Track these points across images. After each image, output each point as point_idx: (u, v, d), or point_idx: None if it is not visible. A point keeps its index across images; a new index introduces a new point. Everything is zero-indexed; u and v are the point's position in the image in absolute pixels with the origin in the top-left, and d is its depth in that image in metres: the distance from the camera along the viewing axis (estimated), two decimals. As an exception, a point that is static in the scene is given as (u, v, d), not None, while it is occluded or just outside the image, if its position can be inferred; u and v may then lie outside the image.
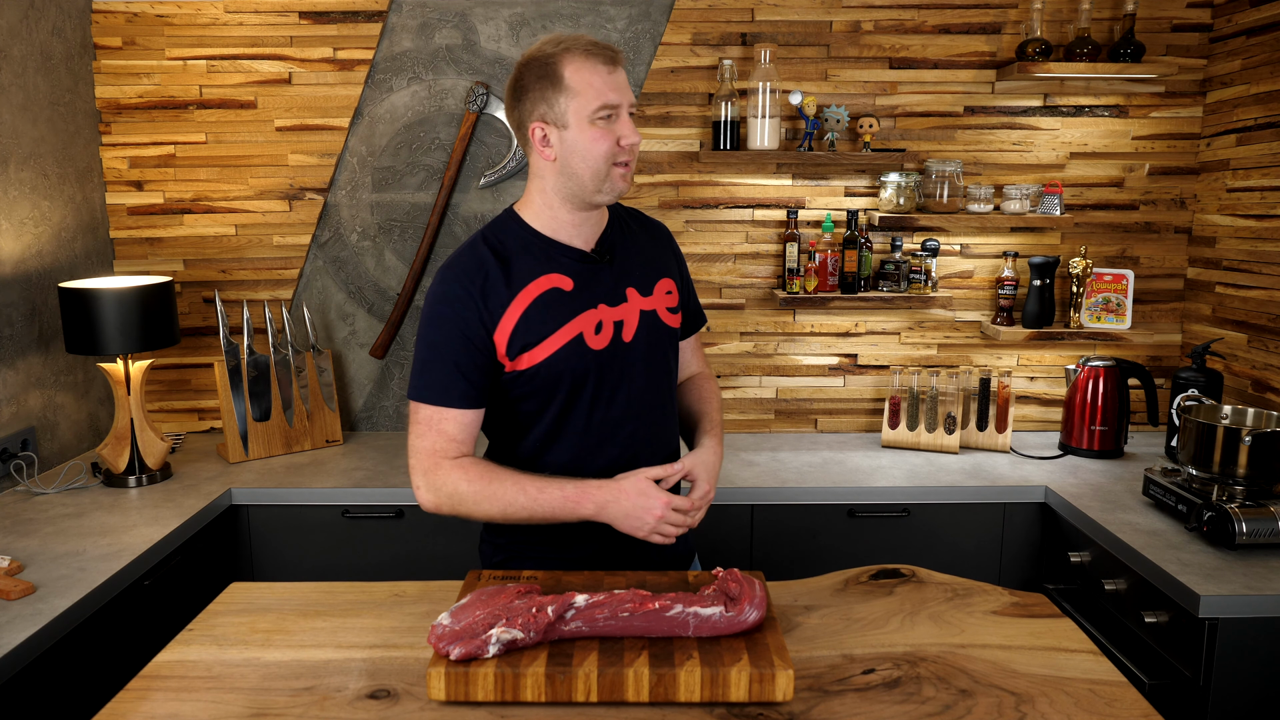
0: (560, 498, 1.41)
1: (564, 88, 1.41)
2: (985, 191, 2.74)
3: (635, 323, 1.51)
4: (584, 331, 1.46)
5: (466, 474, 1.44)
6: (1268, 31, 2.52)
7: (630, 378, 1.51)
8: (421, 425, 1.46)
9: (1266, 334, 2.54)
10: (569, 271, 1.48)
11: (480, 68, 2.76)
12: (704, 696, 1.18)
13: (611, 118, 1.43)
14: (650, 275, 1.56)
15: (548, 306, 1.45)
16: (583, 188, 1.45)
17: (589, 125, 1.41)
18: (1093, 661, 1.32)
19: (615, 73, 1.43)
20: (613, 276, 1.51)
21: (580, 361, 1.46)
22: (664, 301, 1.57)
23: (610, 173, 1.44)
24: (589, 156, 1.42)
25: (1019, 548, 2.45)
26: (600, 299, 1.49)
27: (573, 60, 1.41)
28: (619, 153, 1.43)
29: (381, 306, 2.87)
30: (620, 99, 1.42)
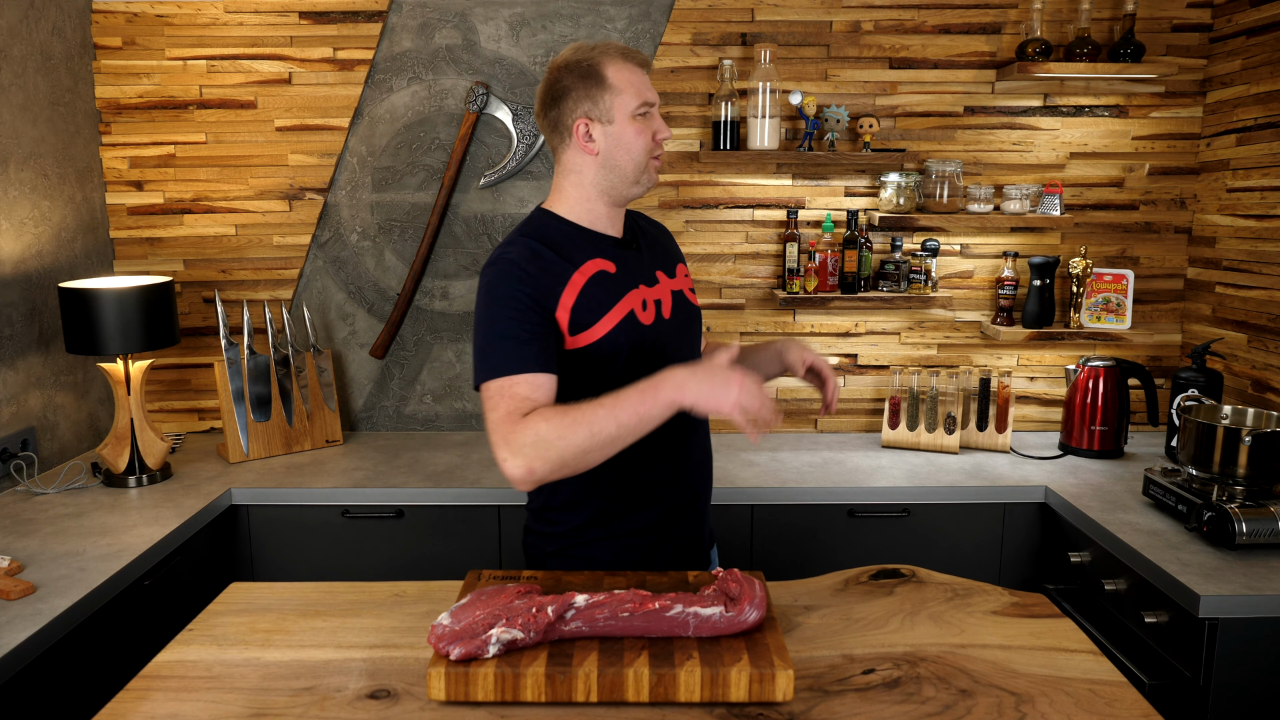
0: (636, 394, 1.36)
1: (608, 86, 1.52)
2: (985, 191, 2.74)
3: (670, 301, 1.62)
4: (634, 308, 1.56)
5: (542, 416, 1.37)
6: (1268, 31, 2.52)
7: (671, 350, 1.61)
8: (494, 398, 1.42)
9: (1266, 334, 2.54)
10: (610, 256, 1.58)
11: (480, 68, 2.76)
12: (704, 696, 1.18)
13: (648, 115, 1.56)
14: (670, 260, 1.69)
15: (600, 286, 1.53)
16: (623, 178, 1.56)
17: (631, 120, 1.53)
18: (1093, 661, 1.32)
19: (647, 75, 1.58)
20: (642, 261, 1.62)
21: (635, 335, 1.54)
22: (686, 283, 1.70)
23: (648, 164, 1.57)
24: (632, 149, 1.54)
25: (1019, 548, 2.45)
26: (639, 280, 1.59)
27: (613, 62, 1.53)
28: (654, 147, 1.57)
29: (381, 306, 2.87)
30: (654, 98, 1.57)
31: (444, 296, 2.87)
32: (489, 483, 2.42)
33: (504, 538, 2.41)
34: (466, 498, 2.40)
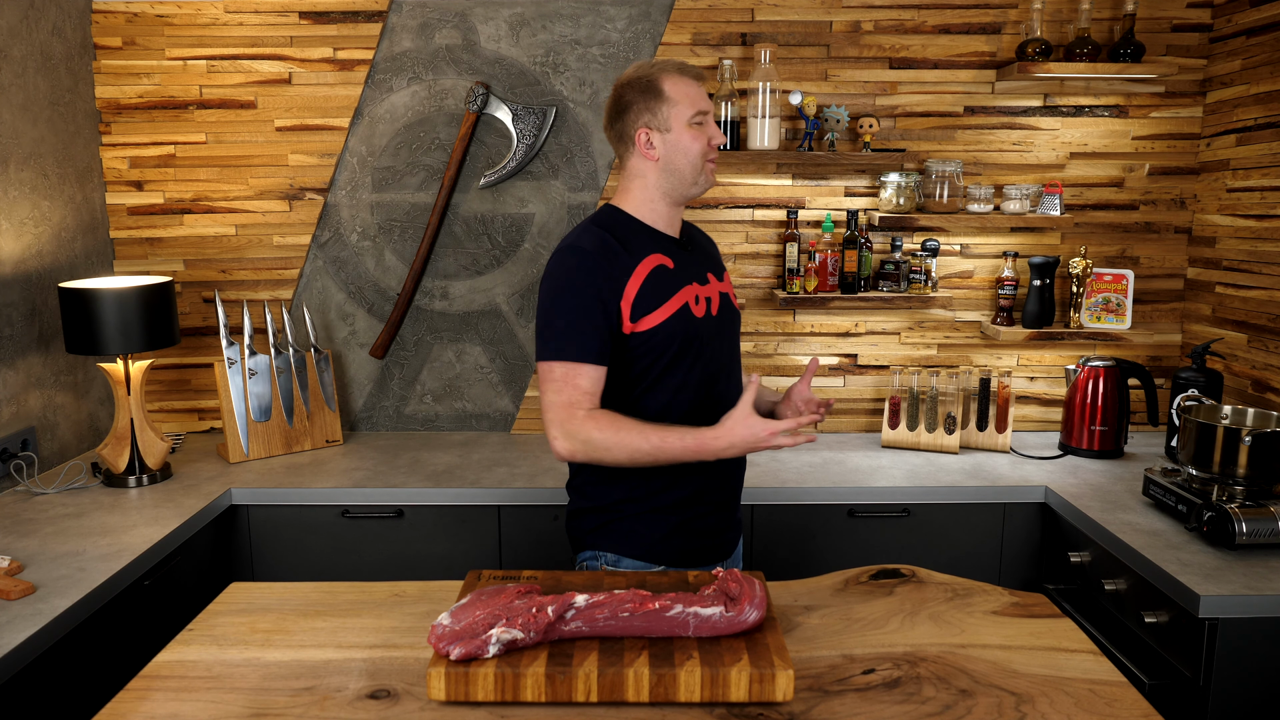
0: (687, 442, 1.58)
1: (665, 98, 1.69)
2: (985, 191, 2.74)
3: (718, 300, 1.77)
4: (688, 302, 1.69)
5: (598, 423, 1.60)
6: (1268, 31, 2.52)
7: (717, 344, 1.75)
8: (558, 382, 1.63)
9: (1266, 334, 2.54)
10: (668, 253, 1.72)
11: (480, 68, 2.76)
12: (704, 696, 1.18)
13: (703, 123, 1.71)
14: (716, 264, 1.85)
15: (660, 279, 1.68)
16: (682, 180, 1.72)
17: (687, 128, 1.69)
18: (1093, 661, 1.32)
19: (703, 86, 1.73)
20: (694, 261, 1.77)
21: (688, 326, 1.68)
22: (729, 288, 1.85)
23: (705, 167, 1.72)
24: (690, 153, 1.70)
25: (1019, 548, 2.45)
26: (693, 278, 1.73)
27: (669, 77, 1.70)
28: (709, 151, 1.71)
29: (381, 306, 2.87)
30: (709, 107, 1.72)
31: (444, 296, 2.87)
32: (489, 483, 2.42)
33: (504, 538, 2.41)
34: (466, 498, 2.40)
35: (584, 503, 1.76)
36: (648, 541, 1.71)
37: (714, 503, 1.75)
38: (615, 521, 1.72)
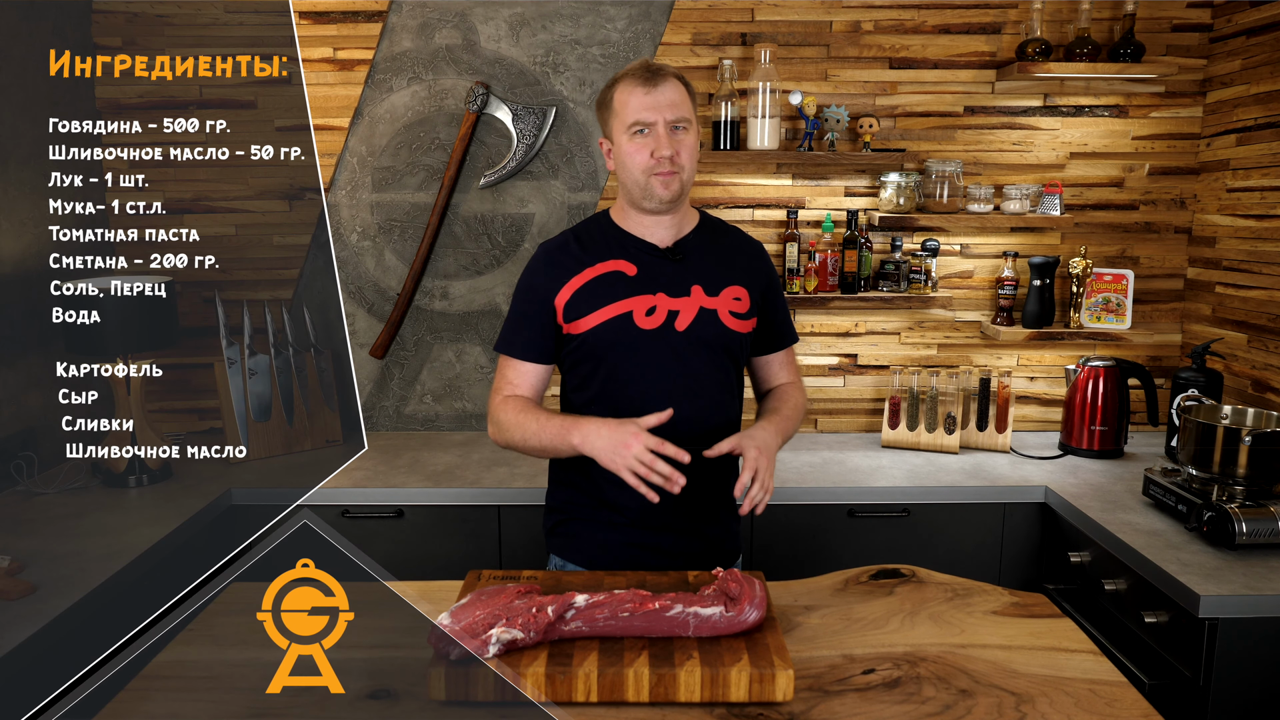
0: (556, 427, 1.58)
1: (612, 109, 1.65)
2: (985, 191, 2.74)
3: (692, 315, 1.65)
4: (634, 310, 1.63)
5: (508, 406, 1.66)
6: (1268, 31, 2.52)
7: (679, 361, 1.64)
8: (497, 370, 1.73)
9: (1266, 334, 2.54)
10: (635, 260, 1.67)
11: (480, 68, 2.76)
12: (704, 696, 1.18)
13: (646, 132, 1.61)
14: (721, 280, 1.69)
15: (606, 285, 1.65)
16: (631, 194, 1.66)
17: (629, 139, 1.62)
18: (1093, 661, 1.32)
19: (654, 91, 1.60)
20: (680, 273, 1.67)
21: (624, 335, 1.62)
22: (729, 305, 1.68)
23: (649, 182, 1.62)
24: (627, 166, 1.63)
25: (1019, 548, 2.44)
26: (661, 288, 1.65)
27: (620, 85, 1.64)
28: (654, 164, 1.60)
29: (381, 306, 2.87)
30: (654, 116, 1.60)
31: (444, 296, 2.87)
32: (489, 483, 2.42)
33: (504, 538, 2.41)
34: (466, 498, 2.40)
35: (548, 499, 1.80)
36: (595, 549, 1.69)
37: (668, 524, 1.66)
38: (567, 523, 1.74)
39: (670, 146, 1.60)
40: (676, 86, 1.63)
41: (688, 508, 1.66)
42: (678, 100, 1.62)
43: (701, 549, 1.70)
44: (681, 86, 1.64)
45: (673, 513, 1.65)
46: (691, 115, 1.65)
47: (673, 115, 1.60)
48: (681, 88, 1.64)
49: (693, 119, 1.65)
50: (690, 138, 1.64)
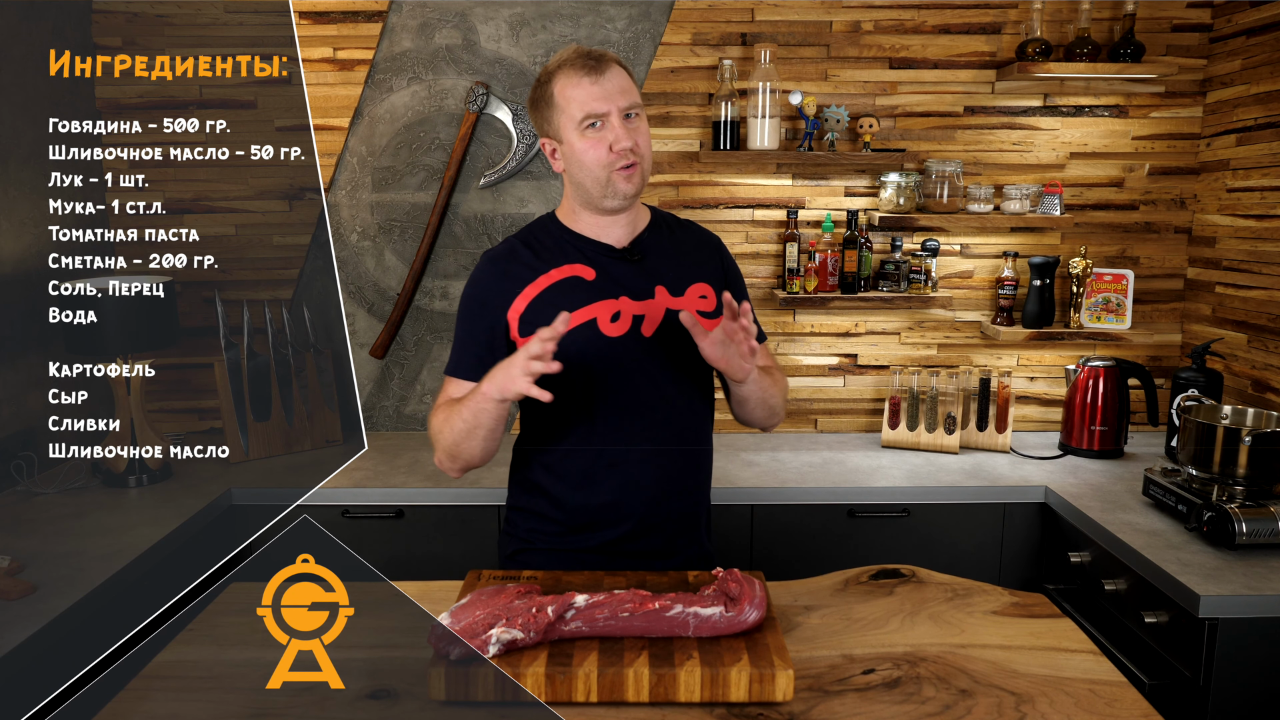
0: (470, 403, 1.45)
1: (555, 105, 1.50)
2: (985, 191, 2.74)
3: (659, 319, 1.54)
4: (598, 317, 1.52)
5: (438, 413, 1.55)
6: (1268, 31, 2.52)
7: (640, 368, 1.54)
8: (441, 393, 1.61)
9: (1266, 334, 2.54)
10: (593, 263, 1.55)
11: (480, 68, 2.76)
12: (704, 696, 1.18)
13: (600, 125, 1.48)
14: (684, 277, 1.58)
15: (565, 291, 1.53)
16: (589, 194, 1.52)
17: (580, 136, 1.48)
18: (1093, 661, 1.32)
19: (601, 80, 1.47)
20: (641, 274, 1.56)
21: (590, 344, 1.51)
22: (695, 304, 1.58)
23: (610, 178, 1.49)
24: (583, 165, 1.49)
25: (1019, 548, 2.44)
26: (624, 291, 1.54)
27: (560, 77, 1.49)
28: (614, 158, 1.48)
29: (381, 306, 2.87)
30: (606, 106, 1.47)
31: (444, 296, 2.87)
32: (489, 483, 2.42)
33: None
34: (466, 498, 2.40)
35: (506, 525, 1.69)
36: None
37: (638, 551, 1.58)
38: (525, 553, 1.63)
39: (628, 138, 1.47)
40: (621, 73, 1.51)
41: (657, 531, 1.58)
42: (626, 87, 1.50)
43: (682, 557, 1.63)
44: (625, 72, 1.52)
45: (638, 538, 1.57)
46: (640, 102, 1.53)
47: (625, 102, 1.48)
48: (625, 73, 1.52)
49: (642, 105, 1.53)
50: (644, 125, 1.52)
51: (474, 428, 1.47)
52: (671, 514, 1.61)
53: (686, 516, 1.64)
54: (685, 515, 1.63)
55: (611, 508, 1.57)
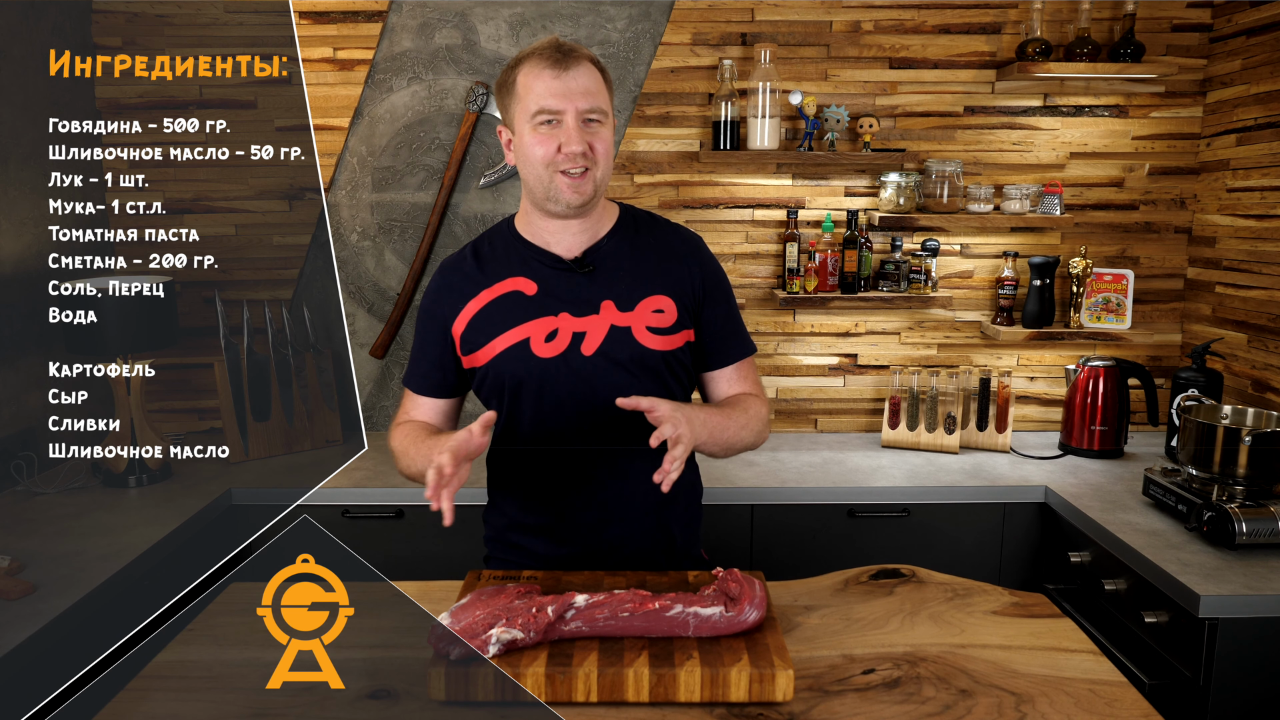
0: (421, 451, 1.45)
1: (514, 93, 1.42)
2: (985, 191, 2.74)
3: (601, 336, 1.44)
4: (531, 336, 1.44)
5: (398, 434, 1.53)
6: (1268, 31, 2.52)
7: (587, 391, 1.45)
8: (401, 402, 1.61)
9: (1266, 334, 2.54)
10: (536, 276, 1.47)
11: (480, 68, 2.76)
12: (704, 696, 1.18)
13: (554, 123, 1.39)
14: (638, 290, 1.47)
15: (503, 309, 1.46)
16: (533, 194, 1.46)
17: (532, 130, 1.40)
18: (1093, 661, 1.32)
19: (565, 76, 1.38)
20: (588, 287, 1.46)
21: (521, 366, 1.44)
22: (646, 320, 1.46)
23: (554, 180, 1.41)
24: (528, 161, 1.42)
25: (1019, 548, 2.44)
26: (565, 307, 1.45)
27: (525, 65, 1.41)
28: (560, 160, 1.39)
29: (381, 306, 2.87)
30: (564, 105, 1.38)
31: (444, 296, 2.87)
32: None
33: (504, 538, 2.41)
34: (466, 498, 2.37)
35: (488, 547, 1.67)
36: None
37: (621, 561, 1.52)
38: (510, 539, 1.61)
39: (580, 142, 1.38)
40: (591, 72, 1.41)
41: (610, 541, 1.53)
42: (592, 88, 1.40)
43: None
44: (597, 72, 1.42)
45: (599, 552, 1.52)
46: (608, 107, 1.42)
47: (586, 104, 1.39)
48: (597, 73, 1.42)
49: (609, 111, 1.42)
50: (606, 132, 1.42)
51: (416, 473, 1.45)
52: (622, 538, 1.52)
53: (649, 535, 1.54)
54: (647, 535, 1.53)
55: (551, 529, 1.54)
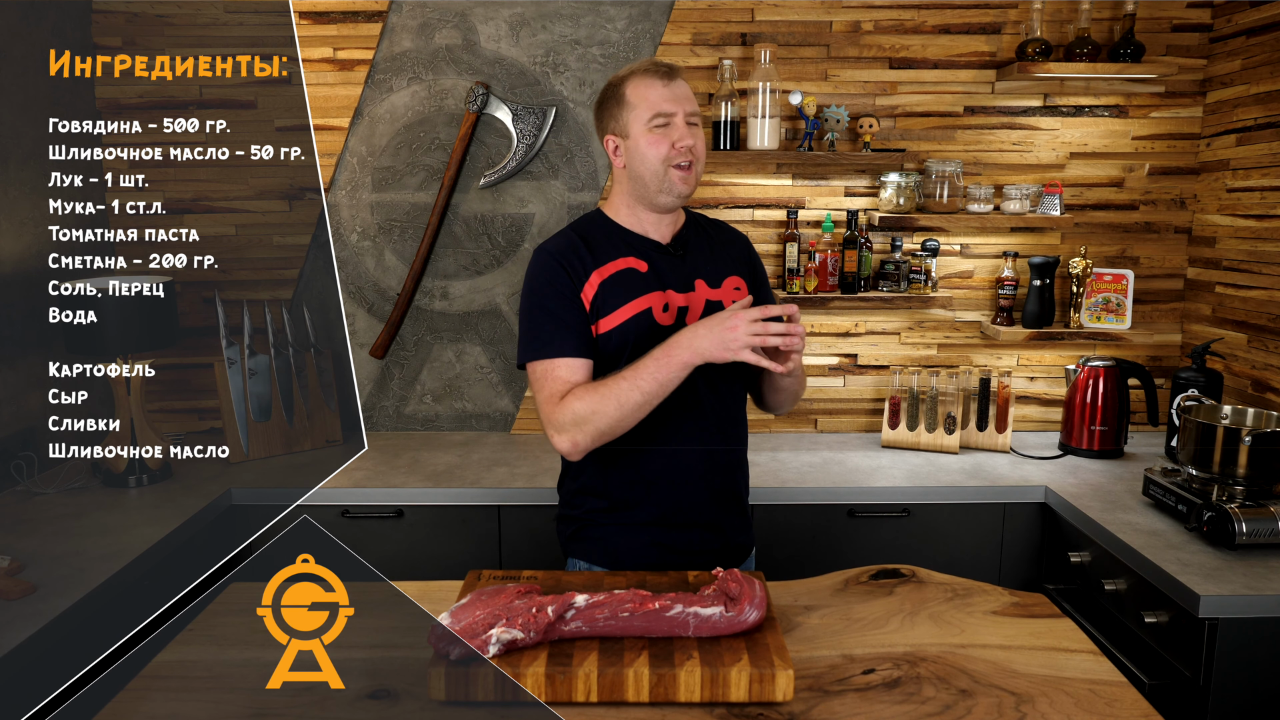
0: (653, 361, 1.51)
1: (626, 104, 1.64)
2: (985, 191, 2.74)
3: (700, 309, 1.65)
4: (653, 307, 1.63)
5: (576, 395, 1.56)
6: (1268, 31, 2.52)
7: None
8: (539, 380, 1.62)
9: (1266, 334, 2.54)
10: (645, 257, 1.67)
11: (480, 68, 2.76)
12: (704, 697, 1.18)
13: (667, 125, 1.61)
14: (720, 271, 1.71)
15: (623, 282, 1.64)
16: (646, 189, 1.65)
17: (646, 132, 1.61)
18: (1093, 661, 1.32)
19: (671, 85, 1.62)
20: (684, 268, 1.68)
21: (647, 332, 1.62)
22: (731, 295, 1.69)
23: (668, 174, 1.62)
24: (647, 159, 1.62)
25: (1019, 548, 2.44)
26: (670, 284, 1.66)
27: (633, 80, 1.64)
28: (674, 155, 1.61)
29: (381, 306, 2.87)
30: (675, 108, 1.61)
31: (444, 296, 2.87)
32: (489, 483, 2.42)
33: (504, 538, 2.41)
34: (466, 498, 2.40)
35: (564, 510, 1.77)
36: (619, 552, 1.68)
37: (690, 521, 1.67)
38: (588, 528, 1.71)
39: (691, 137, 1.62)
40: (687, 85, 1.67)
41: (705, 502, 1.68)
42: (691, 97, 1.66)
43: (720, 545, 1.71)
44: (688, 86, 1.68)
45: (689, 509, 1.67)
46: (700, 114, 1.67)
47: (690, 108, 1.64)
48: (688, 87, 1.68)
49: (701, 118, 1.68)
50: (702, 134, 1.67)
51: (654, 397, 1.51)
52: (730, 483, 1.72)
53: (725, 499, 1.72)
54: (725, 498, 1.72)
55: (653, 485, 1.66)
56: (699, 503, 1.68)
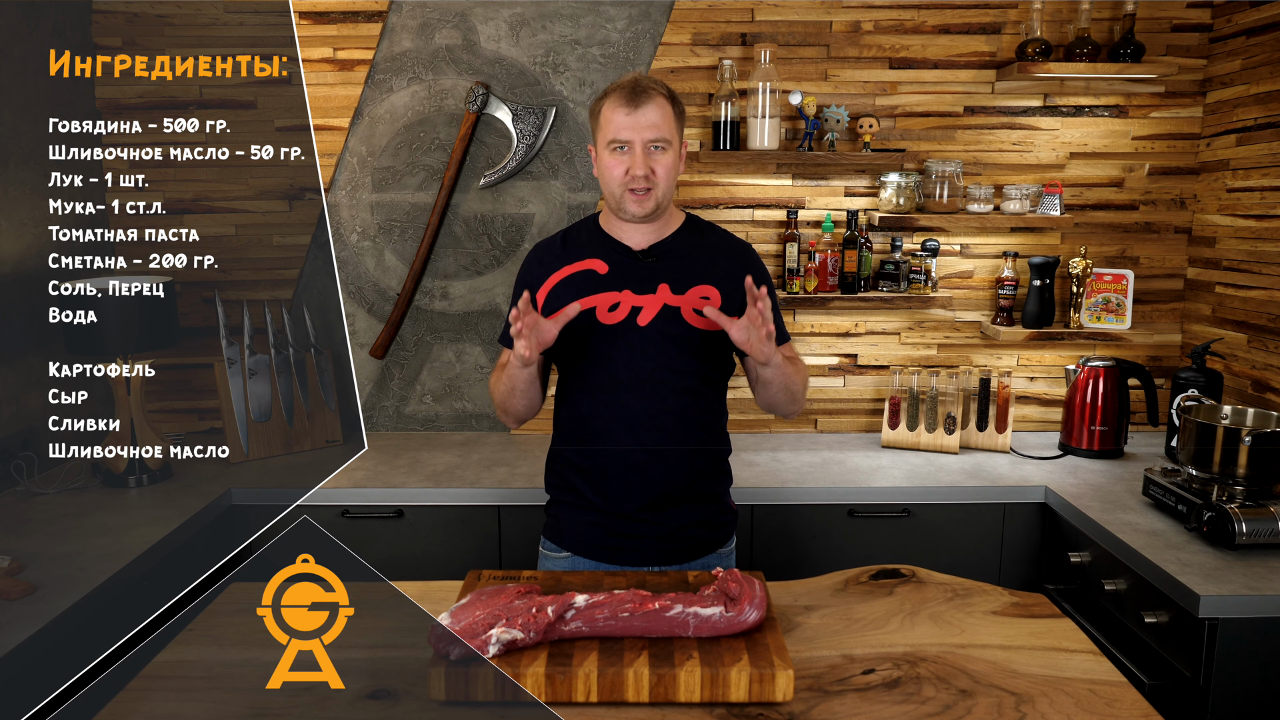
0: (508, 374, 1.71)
1: (598, 122, 1.73)
2: (985, 191, 2.74)
3: (655, 311, 1.71)
4: (598, 306, 1.71)
5: (493, 376, 1.81)
6: (1268, 31, 2.52)
7: (639, 355, 1.71)
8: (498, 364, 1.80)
9: (1266, 334, 2.54)
10: (609, 260, 1.76)
11: (480, 68, 2.76)
12: (704, 697, 1.18)
13: (625, 150, 1.68)
14: (690, 279, 1.74)
15: (578, 283, 1.75)
16: (611, 200, 1.75)
17: (609, 153, 1.71)
18: (1093, 661, 1.32)
19: (636, 113, 1.67)
20: (650, 272, 1.74)
21: (585, 330, 1.71)
22: (694, 303, 1.72)
23: (624, 195, 1.70)
24: (605, 179, 1.73)
25: (1019, 548, 2.44)
26: (629, 285, 1.73)
27: (607, 100, 1.71)
28: (628, 180, 1.69)
29: (381, 306, 2.87)
30: (633, 136, 1.67)
31: (444, 296, 2.87)
32: (489, 483, 2.42)
33: (504, 538, 2.41)
34: (466, 498, 2.40)
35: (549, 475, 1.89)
36: (571, 534, 1.78)
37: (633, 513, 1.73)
38: (550, 507, 1.86)
39: (644, 166, 1.67)
40: (660, 107, 1.68)
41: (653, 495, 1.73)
42: (658, 121, 1.68)
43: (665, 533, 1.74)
44: (666, 105, 1.69)
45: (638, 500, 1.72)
46: (672, 134, 1.70)
47: (652, 135, 1.67)
48: (666, 107, 1.69)
49: (673, 137, 1.70)
50: (668, 157, 1.70)
51: (511, 389, 1.72)
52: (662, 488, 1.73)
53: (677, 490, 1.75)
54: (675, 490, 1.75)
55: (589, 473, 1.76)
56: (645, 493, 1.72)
